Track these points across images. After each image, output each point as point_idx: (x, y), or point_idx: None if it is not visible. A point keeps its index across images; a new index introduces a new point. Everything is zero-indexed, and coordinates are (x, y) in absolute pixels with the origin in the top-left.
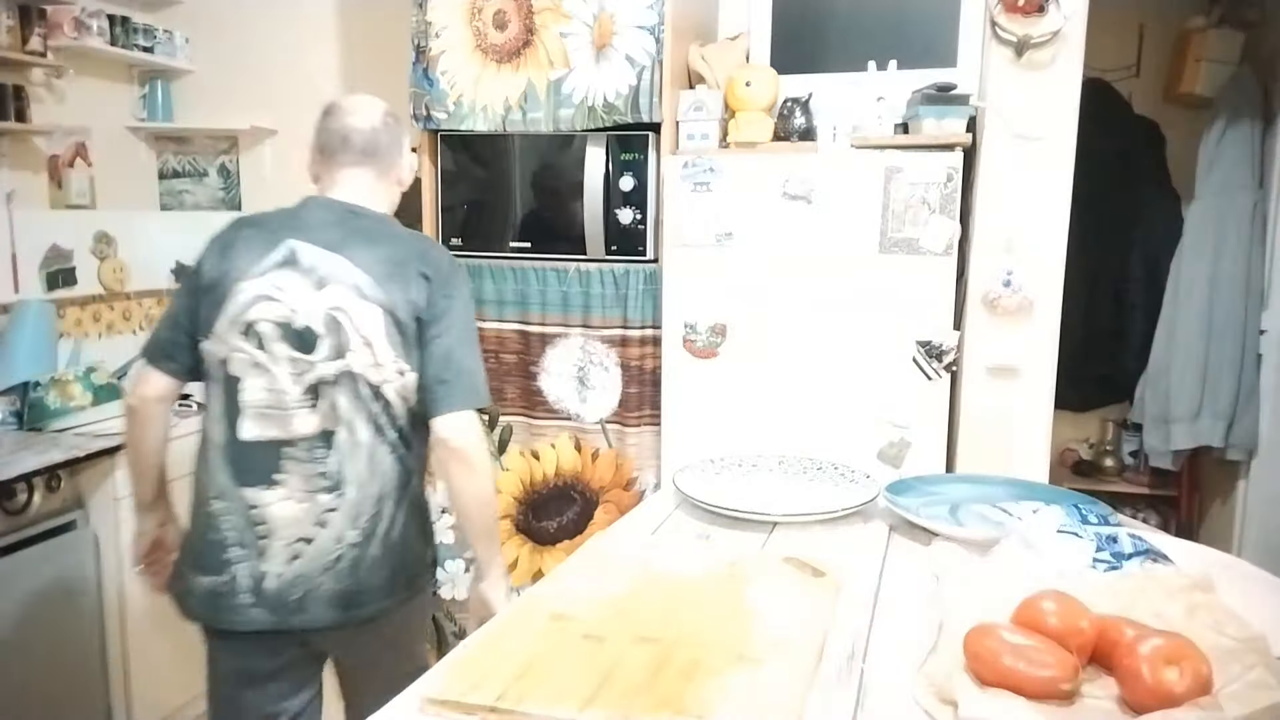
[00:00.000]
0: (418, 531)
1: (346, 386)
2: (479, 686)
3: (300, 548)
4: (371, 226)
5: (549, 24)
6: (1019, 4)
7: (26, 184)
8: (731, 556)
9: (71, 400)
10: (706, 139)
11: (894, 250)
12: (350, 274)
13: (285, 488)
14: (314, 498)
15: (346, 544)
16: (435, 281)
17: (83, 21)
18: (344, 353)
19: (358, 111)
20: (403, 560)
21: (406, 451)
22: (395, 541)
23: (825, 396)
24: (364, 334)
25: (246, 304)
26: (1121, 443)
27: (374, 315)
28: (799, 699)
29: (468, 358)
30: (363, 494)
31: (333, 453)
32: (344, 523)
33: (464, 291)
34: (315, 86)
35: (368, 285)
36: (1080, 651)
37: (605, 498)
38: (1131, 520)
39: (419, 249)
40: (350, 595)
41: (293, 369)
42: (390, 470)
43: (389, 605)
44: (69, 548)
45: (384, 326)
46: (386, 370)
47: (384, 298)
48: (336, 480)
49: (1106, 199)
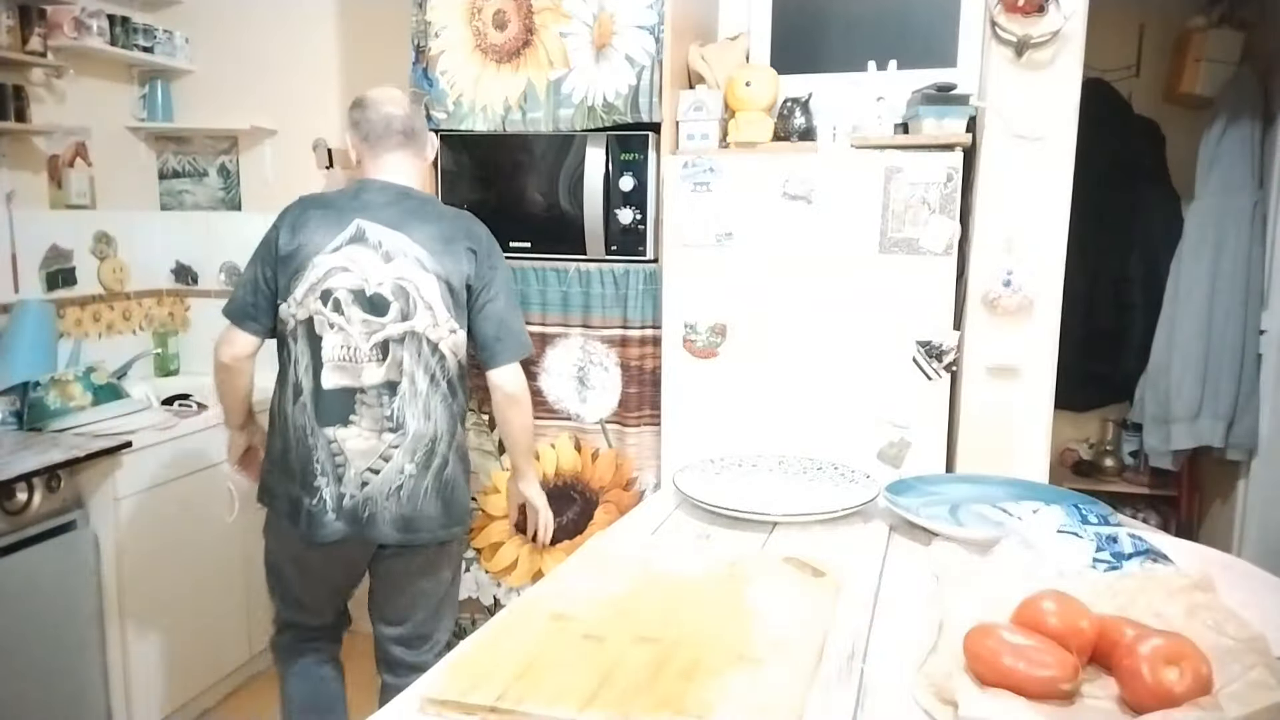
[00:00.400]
0: (464, 475)
1: (410, 344)
2: (479, 686)
3: (369, 476)
4: (422, 206)
5: (549, 24)
6: (1019, 4)
7: (26, 184)
8: (731, 556)
9: (71, 400)
10: (706, 139)
11: (894, 250)
12: (411, 248)
13: (358, 426)
14: (380, 435)
15: (406, 475)
16: (480, 254)
17: (83, 21)
18: (410, 316)
19: (391, 101)
20: (451, 497)
21: (454, 400)
22: (447, 479)
23: (825, 396)
24: (426, 299)
25: (325, 274)
26: (1121, 443)
27: (432, 284)
28: (799, 699)
29: (514, 319)
30: (419, 434)
31: (396, 399)
32: (404, 457)
33: (503, 261)
34: (315, 86)
35: (426, 258)
36: (1080, 651)
37: (605, 498)
38: (1131, 520)
39: (465, 227)
40: (408, 519)
41: (365, 329)
42: (443, 416)
43: (441, 536)
44: (69, 548)
45: (440, 293)
46: (442, 329)
47: (439, 269)
48: (399, 422)
49: (1106, 199)
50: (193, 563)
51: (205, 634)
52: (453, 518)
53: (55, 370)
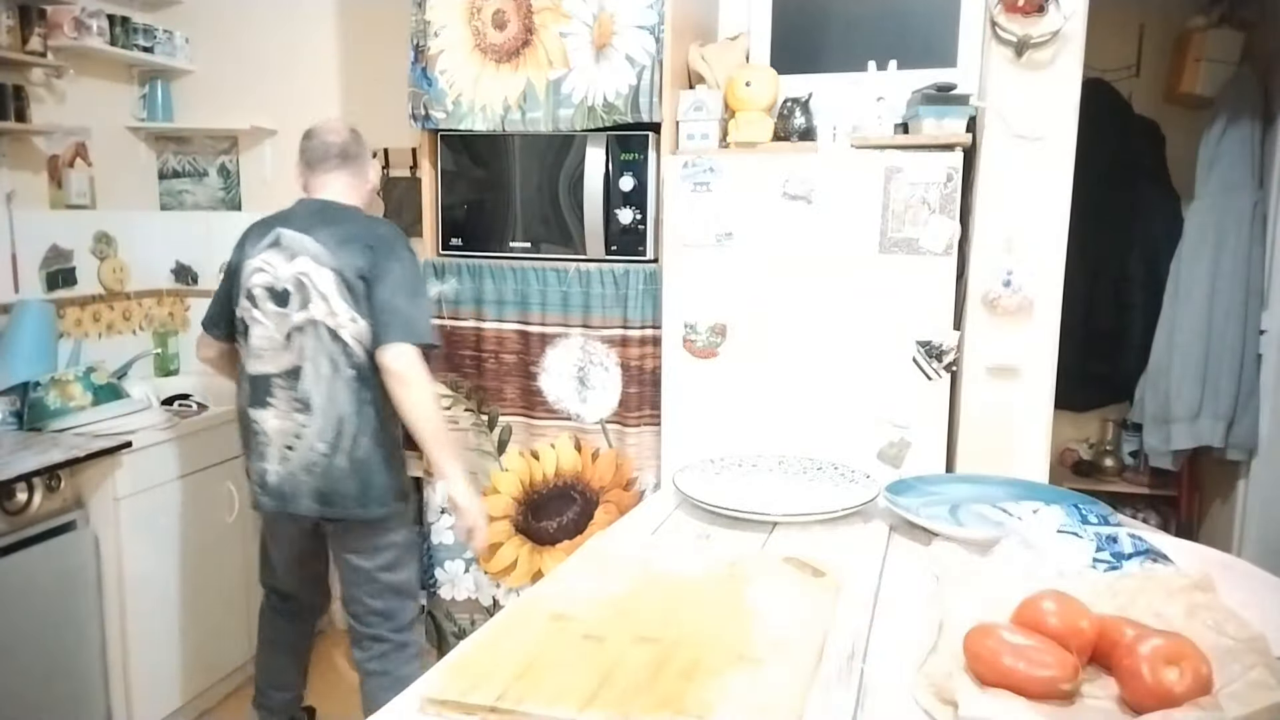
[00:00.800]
0: (383, 460)
1: (311, 332)
2: (479, 686)
3: (287, 453)
4: (337, 213)
5: (548, 24)
6: (1019, 4)
7: (26, 184)
8: (731, 556)
9: (71, 400)
10: (706, 139)
11: (894, 250)
12: (311, 247)
13: (274, 409)
14: (291, 416)
15: (318, 453)
16: (378, 249)
17: (83, 21)
18: (307, 305)
19: (331, 130)
20: (369, 480)
21: (362, 385)
22: (360, 459)
23: (825, 396)
24: (321, 290)
25: (249, 276)
26: (1121, 443)
27: (327, 276)
28: (799, 699)
29: (405, 305)
30: (326, 415)
31: (301, 382)
32: (314, 437)
33: (406, 256)
34: (315, 87)
35: (323, 254)
36: (1080, 651)
37: (605, 498)
38: (1131, 520)
39: (370, 229)
40: (325, 494)
41: (276, 320)
42: (348, 399)
43: (360, 514)
44: (69, 548)
45: (335, 284)
46: (341, 318)
47: (334, 263)
48: (306, 403)
49: (1106, 199)
50: (193, 563)
51: (205, 634)
52: (371, 497)
53: (55, 370)
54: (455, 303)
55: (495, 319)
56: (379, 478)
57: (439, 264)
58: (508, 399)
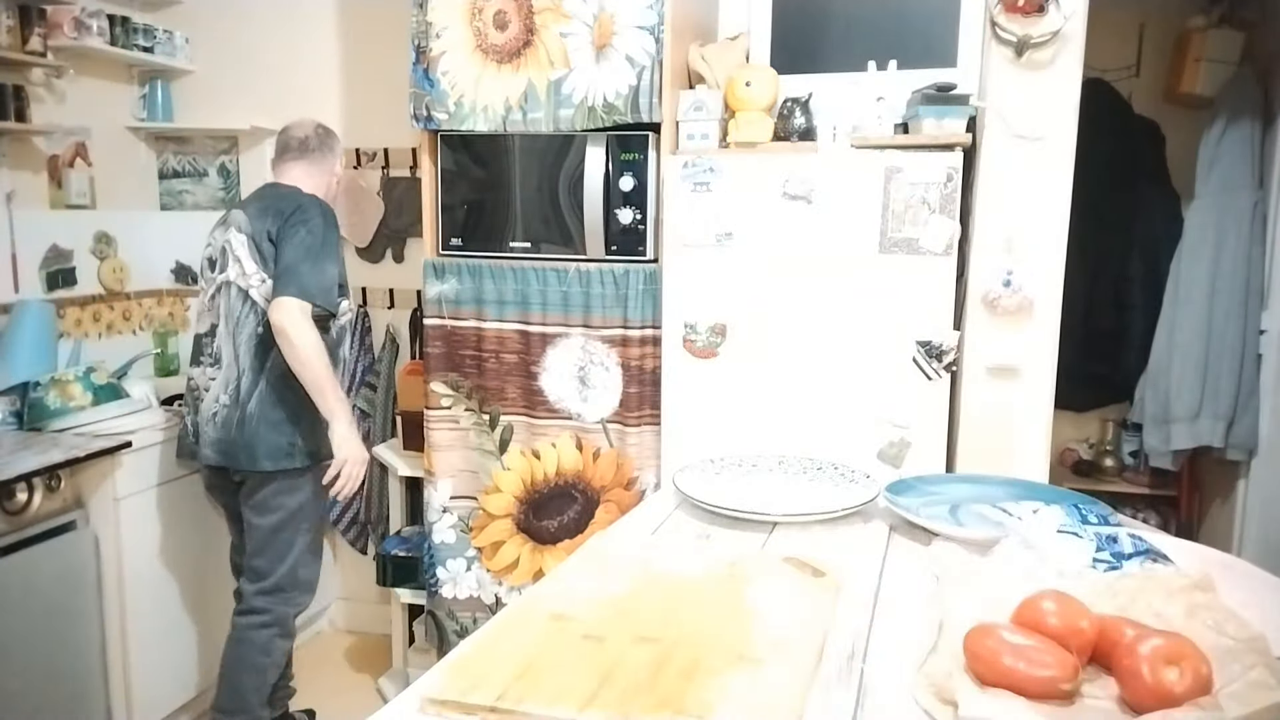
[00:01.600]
0: (282, 418)
1: (225, 292)
2: (479, 686)
3: (198, 404)
4: (273, 191)
5: (549, 24)
6: (1019, 4)
7: (26, 184)
8: (731, 556)
9: (71, 400)
10: (706, 139)
11: (894, 250)
12: (239, 218)
13: (201, 366)
14: (205, 370)
15: (220, 405)
16: (290, 215)
17: (83, 21)
18: (226, 268)
19: (299, 126)
20: (260, 434)
21: (264, 342)
22: (253, 413)
23: (825, 396)
24: (236, 254)
25: (203, 249)
26: (1121, 443)
27: (243, 241)
28: (799, 699)
29: (300, 264)
30: (229, 370)
31: (215, 339)
32: (219, 388)
33: (316, 223)
34: (315, 86)
35: (243, 222)
36: (1080, 651)
37: (606, 497)
38: (1131, 520)
39: (291, 200)
40: (225, 445)
41: (207, 284)
42: (249, 355)
43: (249, 466)
44: (69, 548)
45: (248, 248)
46: (251, 279)
47: (250, 229)
48: (216, 357)
49: (1106, 199)
50: (192, 562)
51: (205, 634)
52: (261, 452)
53: (55, 370)
54: (455, 303)
55: (496, 319)
56: (273, 434)
57: (439, 264)
58: (509, 399)
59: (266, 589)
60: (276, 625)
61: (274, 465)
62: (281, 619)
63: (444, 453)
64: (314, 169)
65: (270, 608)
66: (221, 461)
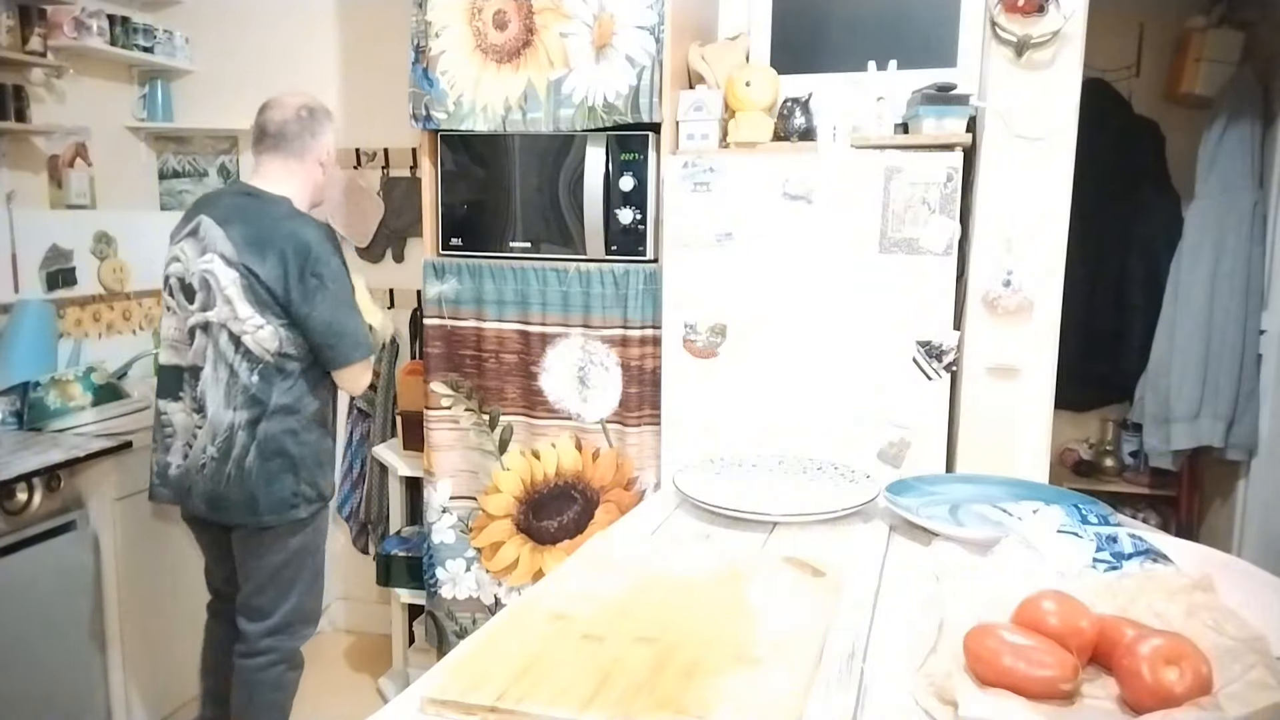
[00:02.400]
0: (278, 469)
1: (213, 333)
2: (479, 686)
3: (186, 450)
4: (259, 206)
5: (549, 24)
6: (1019, 4)
7: (26, 184)
8: (731, 556)
9: (71, 400)
10: (706, 139)
11: (894, 250)
12: (222, 244)
13: (182, 403)
14: (192, 415)
15: (209, 456)
16: (296, 259)
17: (83, 21)
18: (210, 306)
19: (276, 107)
20: (256, 488)
21: (260, 396)
22: (248, 469)
23: (825, 396)
24: (226, 293)
25: (167, 262)
26: (1121, 443)
27: (232, 278)
28: (799, 699)
29: (345, 321)
30: (217, 421)
31: (200, 383)
32: (206, 439)
33: (333, 266)
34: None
35: (231, 253)
36: (1080, 651)
37: (606, 497)
38: (1131, 520)
39: (290, 229)
40: (215, 498)
41: (181, 314)
42: (242, 408)
43: (249, 521)
44: (69, 548)
45: (241, 287)
46: (245, 324)
47: (239, 261)
48: (201, 405)
49: (1106, 199)
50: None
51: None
52: (260, 507)
53: (55, 370)
54: (455, 303)
55: (495, 319)
56: (272, 487)
57: (439, 264)
58: (509, 399)
59: (272, 629)
60: (284, 661)
61: (279, 518)
62: (289, 654)
63: (444, 453)
64: (295, 162)
65: (277, 646)
66: (214, 517)
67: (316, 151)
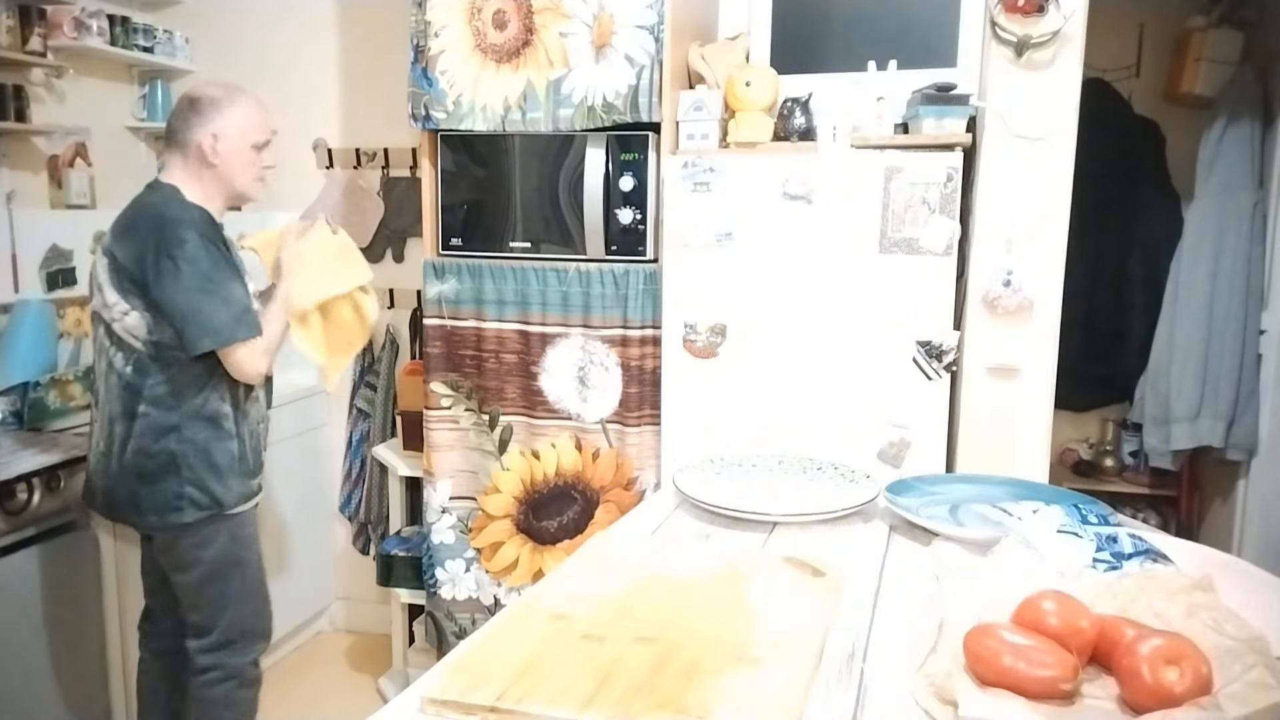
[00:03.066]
0: (156, 468)
1: (97, 325)
2: (479, 686)
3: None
4: (142, 196)
5: (549, 24)
6: (1019, 4)
7: (26, 184)
8: (731, 556)
9: (71, 400)
10: (706, 139)
11: (894, 250)
12: (107, 235)
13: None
14: (94, 410)
15: (99, 452)
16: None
17: (83, 21)
18: (93, 296)
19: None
20: (139, 487)
21: (136, 388)
22: (129, 463)
23: (825, 396)
24: (99, 280)
25: None
26: (1121, 443)
27: (104, 264)
28: (799, 699)
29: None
30: (104, 414)
31: (97, 377)
32: (98, 434)
33: (190, 247)
34: (315, 86)
35: (108, 240)
36: (1080, 651)
37: (606, 497)
38: (1131, 520)
39: (150, 217)
40: (107, 495)
41: None
42: (118, 399)
43: (139, 523)
44: (69, 548)
45: (109, 272)
46: (113, 311)
47: (114, 250)
48: (96, 398)
49: (1106, 199)
50: None
51: None
52: (142, 506)
53: (55, 370)
54: (455, 303)
55: (495, 319)
56: (151, 487)
57: (439, 264)
58: (508, 399)
59: (213, 645)
60: (233, 678)
61: (161, 520)
62: (235, 671)
63: (443, 453)
64: (179, 154)
65: (220, 663)
66: (111, 516)
67: (198, 140)
